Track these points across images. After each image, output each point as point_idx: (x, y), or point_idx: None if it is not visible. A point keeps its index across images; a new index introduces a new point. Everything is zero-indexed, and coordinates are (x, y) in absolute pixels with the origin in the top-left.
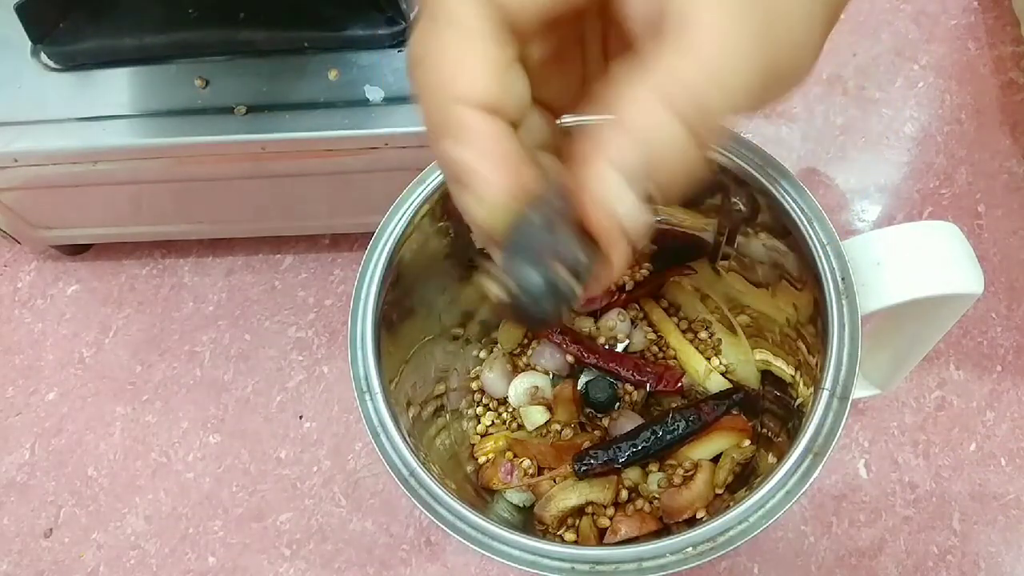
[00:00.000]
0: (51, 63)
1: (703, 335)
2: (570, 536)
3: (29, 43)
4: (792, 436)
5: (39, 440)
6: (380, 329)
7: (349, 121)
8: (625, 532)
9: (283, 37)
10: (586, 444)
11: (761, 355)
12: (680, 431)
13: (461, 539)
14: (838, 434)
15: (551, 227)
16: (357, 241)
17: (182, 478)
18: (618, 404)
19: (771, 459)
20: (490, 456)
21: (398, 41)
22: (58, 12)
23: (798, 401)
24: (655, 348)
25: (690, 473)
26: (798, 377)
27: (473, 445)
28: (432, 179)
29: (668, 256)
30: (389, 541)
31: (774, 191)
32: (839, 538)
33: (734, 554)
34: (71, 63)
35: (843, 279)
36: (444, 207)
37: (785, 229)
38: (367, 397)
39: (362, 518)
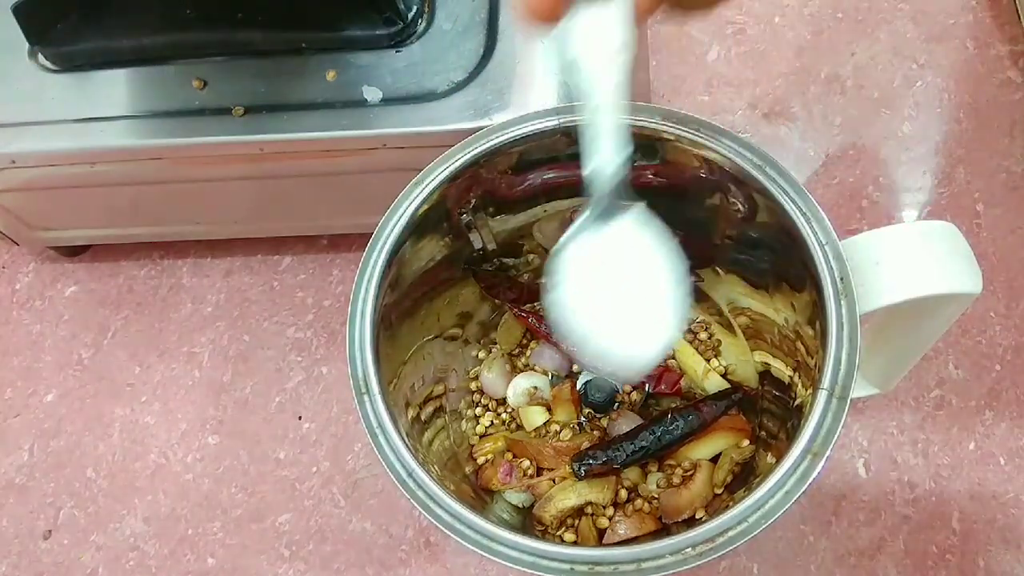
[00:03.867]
0: (49, 64)
1: (703, 336)
2: (569, 536)
3: (26, 44)
4: (791, 436)
5: (38, 441)
6: (379, 330)
7: (347, 122)
8: (624, 532)
9: (281, 38)
10: (585, 444)
11: (760, 356)
12: (679, 431)
13: (460, 540)
14: (837, 434)
15: None
16: (356, 242)
17: (181, 479)
18: (617, 405)
19: (770, 459)
20: (489, 457)
21: (396, 42)
22: (55, 13)
23: (797, 401)
24: None
25: (689, 473)
26: (797, 378)
27: (472, 446)
28: (430, 180)
29: None
30: (388, 542)
31: (773, 191)
32: (838, 538)
33: (733, 554)
34: (69, 64)
35: (842, 279)
36: (442, 207)
37: (784, 229)
38: (366, 398)
39: (361, 519)
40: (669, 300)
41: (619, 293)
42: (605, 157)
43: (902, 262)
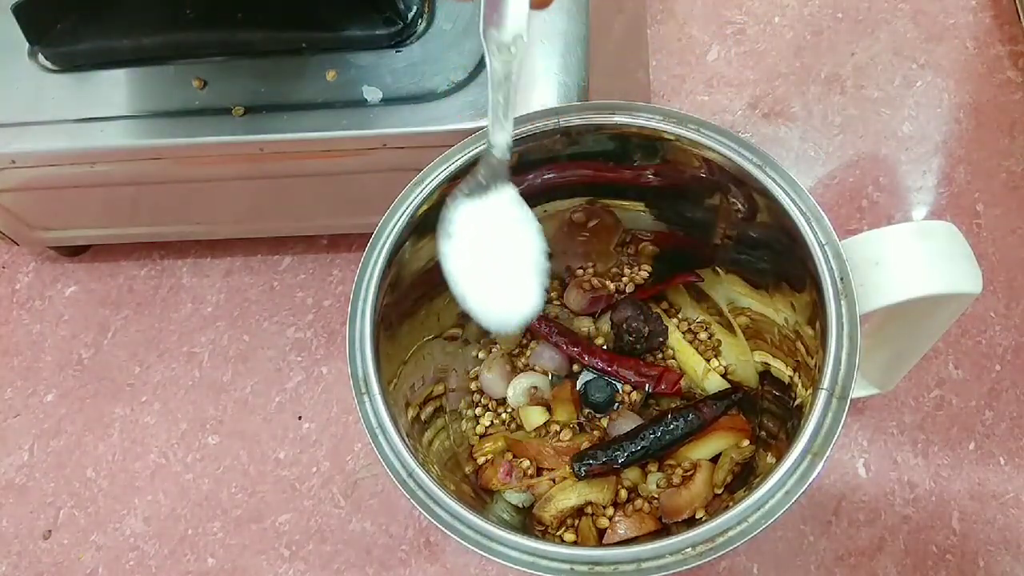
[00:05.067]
0: (49, 64)
1: (703, 336)
2: (569, 536)
3: (27, 44)
4: (791, 436)
5: (38, 441)
6: (379, 330)
7: (347, 122)
8: (624, 532)
9: (281, 38)
10: (585, 444)
11: (760, 356)
12: (679, 431)
13: (460, 540)
14: (837, 434)
15: None
16: (356, 242)
17: (181, 479)
18: (617, 405)
19: (770, 459)
20: (489, 457)
21: (396, 42)
22: (55, 13)
23: (797, 401)
24: None
25: (689, 473)
26: (797, 378)
27: (472, 446)
28: (430, 180)
29: (669, 259)
30: (388, 542)
31: (773, 191)
32: (838, 538)
33: (733, 554)
34: (69, 64)
35: (842, 279)
36: (443, 207)
37: (784, 229)
38: (366, 398)
39: (361, 519)
40: (536, 270)
41: (498, 255)
42: (505, 127)
43: (902, 262)
